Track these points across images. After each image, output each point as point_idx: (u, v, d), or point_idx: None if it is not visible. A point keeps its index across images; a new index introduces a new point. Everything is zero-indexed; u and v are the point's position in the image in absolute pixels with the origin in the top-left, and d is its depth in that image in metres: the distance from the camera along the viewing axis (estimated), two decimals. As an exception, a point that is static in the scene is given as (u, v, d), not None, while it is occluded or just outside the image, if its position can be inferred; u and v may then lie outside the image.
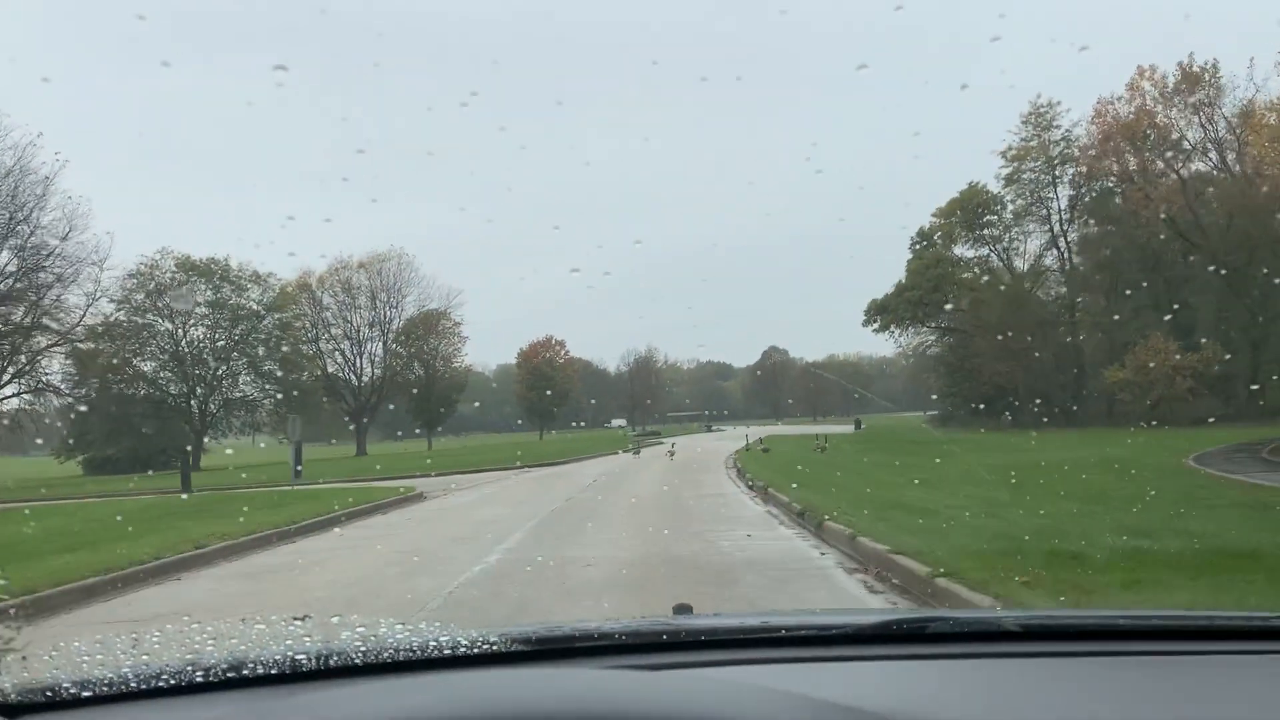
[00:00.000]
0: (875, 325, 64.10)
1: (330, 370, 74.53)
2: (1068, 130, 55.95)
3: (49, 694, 1.26)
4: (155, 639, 1.49)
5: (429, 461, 39.89)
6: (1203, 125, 52.95)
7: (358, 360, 74.15)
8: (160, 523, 14.66)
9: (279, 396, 64.66)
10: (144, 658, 1.39)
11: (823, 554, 10.19)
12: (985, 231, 60.28)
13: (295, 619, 1.58)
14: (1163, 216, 50.09)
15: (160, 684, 1.28)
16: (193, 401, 63.12)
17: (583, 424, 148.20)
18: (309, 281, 71.62)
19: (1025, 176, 57.32)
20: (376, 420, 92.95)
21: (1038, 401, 56.66)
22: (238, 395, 64.90)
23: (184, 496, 21.10)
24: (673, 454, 32.26)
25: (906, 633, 1.63)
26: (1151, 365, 46.31)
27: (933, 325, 62.76)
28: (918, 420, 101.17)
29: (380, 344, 73.76)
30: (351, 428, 74.20)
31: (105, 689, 1.27)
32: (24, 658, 1.46)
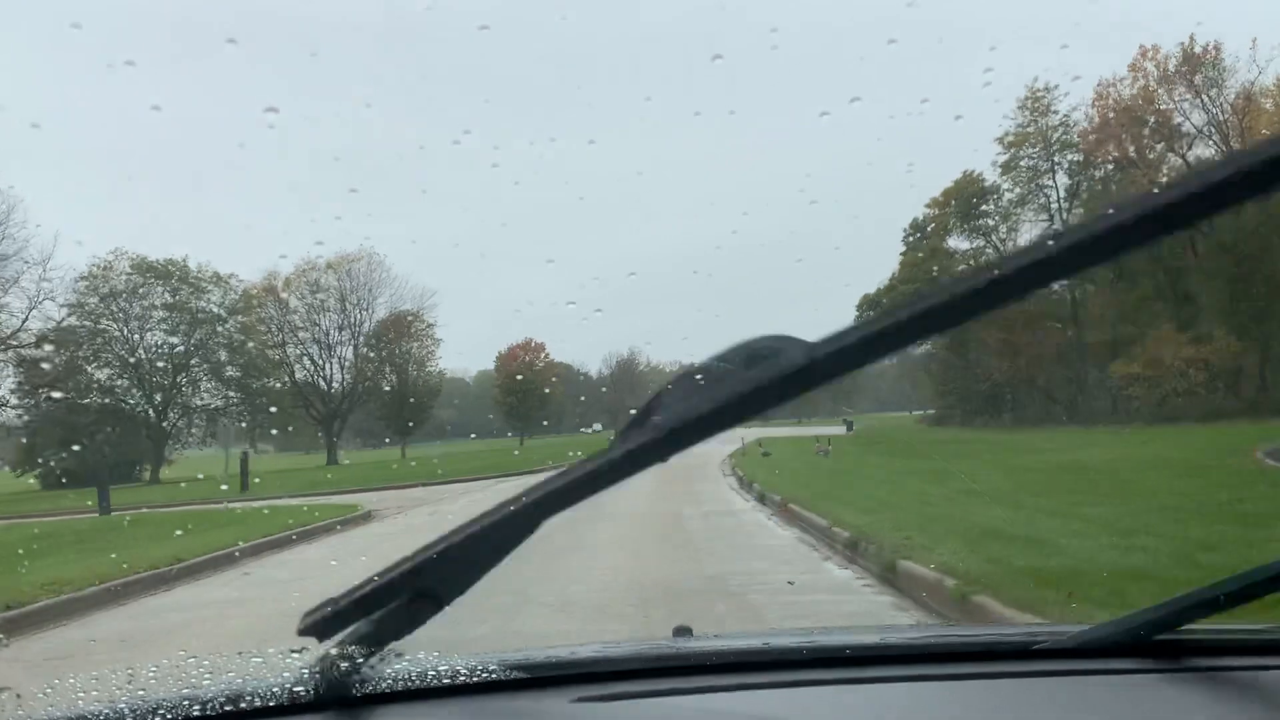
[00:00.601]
0: (867, 321, 61.41)
1: (300, 376, 71.17)
2: (1066, 115, 53.67)
3: None
4: (151, 673, 1.47)
5: (395, 468, 36.92)
6: (1205, 108, 50.77)
7: (327, 365, 70.83)
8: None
9: (242, 404, 61.33)
10: (139, 692, 1.35)
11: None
12: (982, 222, 57.86)
13: (293, 651, 1.48)
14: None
15: (156, 719, 1.27)
16: (150, 410, 59.64)
17: (565, 429, 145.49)
18: (274, 284, 68.24)
19: (1023, 164, 54.96)
20: (355, 427, 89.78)
21: (1039, 398, 54.27)
22: (198, 404, 61.48)
23: (99, 517, 18.05)
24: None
25: (911, 654, 1.59)
26: (1166, 358, 44.02)
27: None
28: (908, 420, 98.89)
29: (351, 348, 70.55)
30: (321, 436, 70.91)
31: None
32: (18, 695, 1.44)
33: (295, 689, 1.29)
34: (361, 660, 1.24)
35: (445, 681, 1.34)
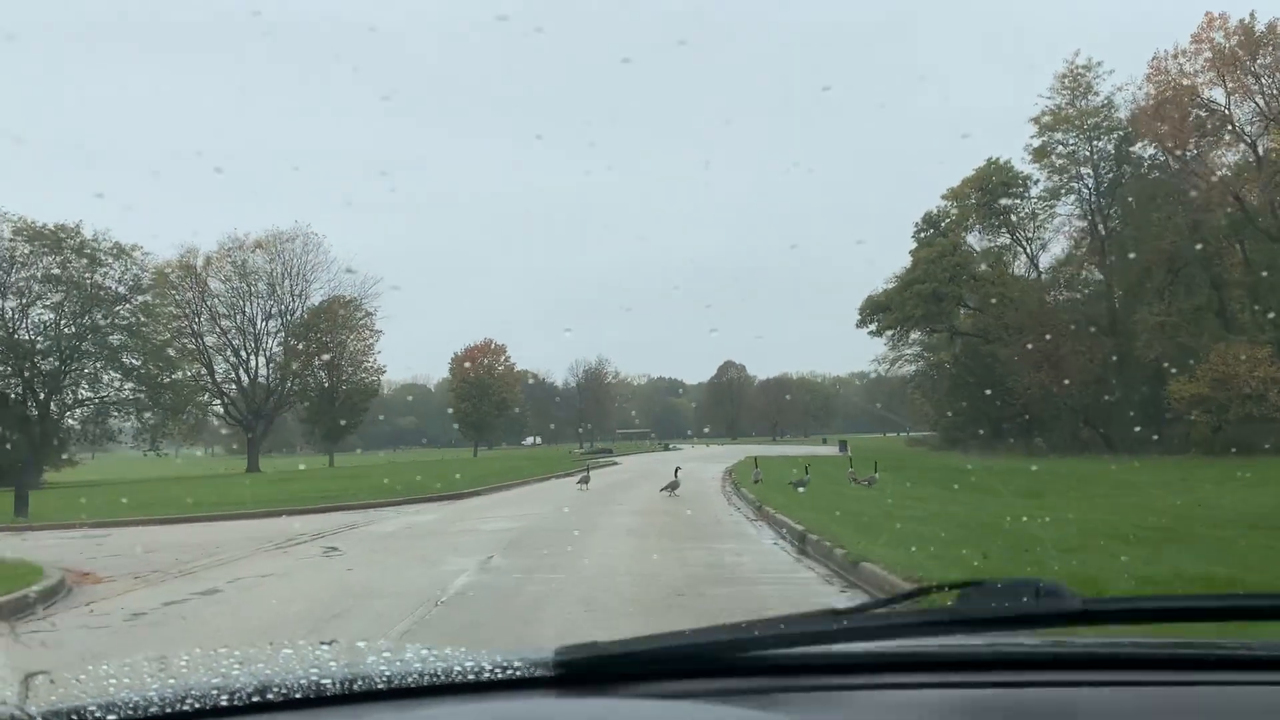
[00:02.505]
0: (872, 327, 53.72)
1: (221, 370, 62.20)
2: (1110, 95, 46.48)
3: (75, 716, 1.26)
4: (183, 663, 1.47)
5: (290, 487, 28.60)
6: (1264, 94, 43.72)
7: (253, 358, 61.88)
8: None
9: (144, 399, 52.31)
10: (170, 681, 1.37)
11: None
12: (1008, 217, 50.40)
13: (323, 643, 1.55)
14: (1232, 201, 40.66)
15: (185, 708, 1.29)
16: (31, 404, 50.51)
17: (535, 440, 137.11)
18: (192, 263, 59.37)
19: (1059, 150, 47.62)
20: (284, 430, 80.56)
21: (1072, 421, 46.69)
22: (88, 397, 52.39)
23: None
24: (677, 488, 21.18)
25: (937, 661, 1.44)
26: (1240, 375, 36.65)
27: (943, 327, 52.50)
28: (895, 443, 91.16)
29: (280, 339, 61.72)
30: (250, 436, 61.87)
31: (130, 712, 1.28)
32: (52, 680, 1.41)
33: (322, 681, 1.30)
34: (389, 653, 1.30)
35: (470, 678, 1.33)
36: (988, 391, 52.10)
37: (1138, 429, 44.96)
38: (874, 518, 13.03)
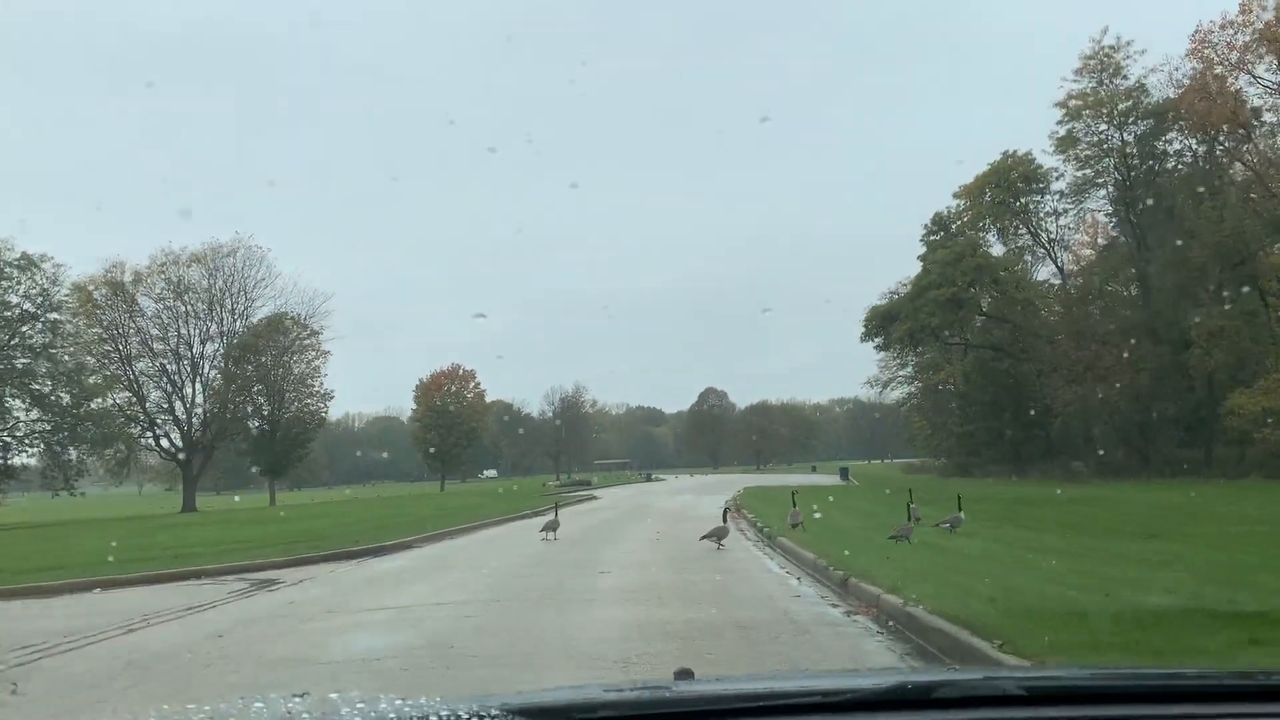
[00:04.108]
0: (878, 340, 48.22)
1: (155, 397, 55.62)
2: (1144, 76, 41.58)
3: None
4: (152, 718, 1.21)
5: (170, 538, 22.59)
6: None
7: (190, 385, 55.35)
8: None
9: (55, 431, 45.86)
10: None
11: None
12: (1027, 215, 45.26)
13: (295, 696, 1.50)
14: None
15: None
16: (-77, 436, 44.00)
17: (502, 472, 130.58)
18: (119, 279, 53.05)
19: (1087, 138, 42.61)
20: (227, 465, 73.74)
21: (1113, 440, 41.24)
22: (-11, 429, 45.83)
23: None
24: (724, 537, 15.25)
25: (913, 698, 1.56)
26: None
27: (955, 338, 47.10)
28: (893, 469, 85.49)
29: (221, 363, 55.30)
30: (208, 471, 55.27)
31: None
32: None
33: None
34: (362, 704, 1.33)
35: None
36: (1006, 413, 46.84)
37: (1181, 449, 39.71)
38: (1095, 603, 7.26)
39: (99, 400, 49.50)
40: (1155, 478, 36.72)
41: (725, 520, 16.05)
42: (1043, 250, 45.74)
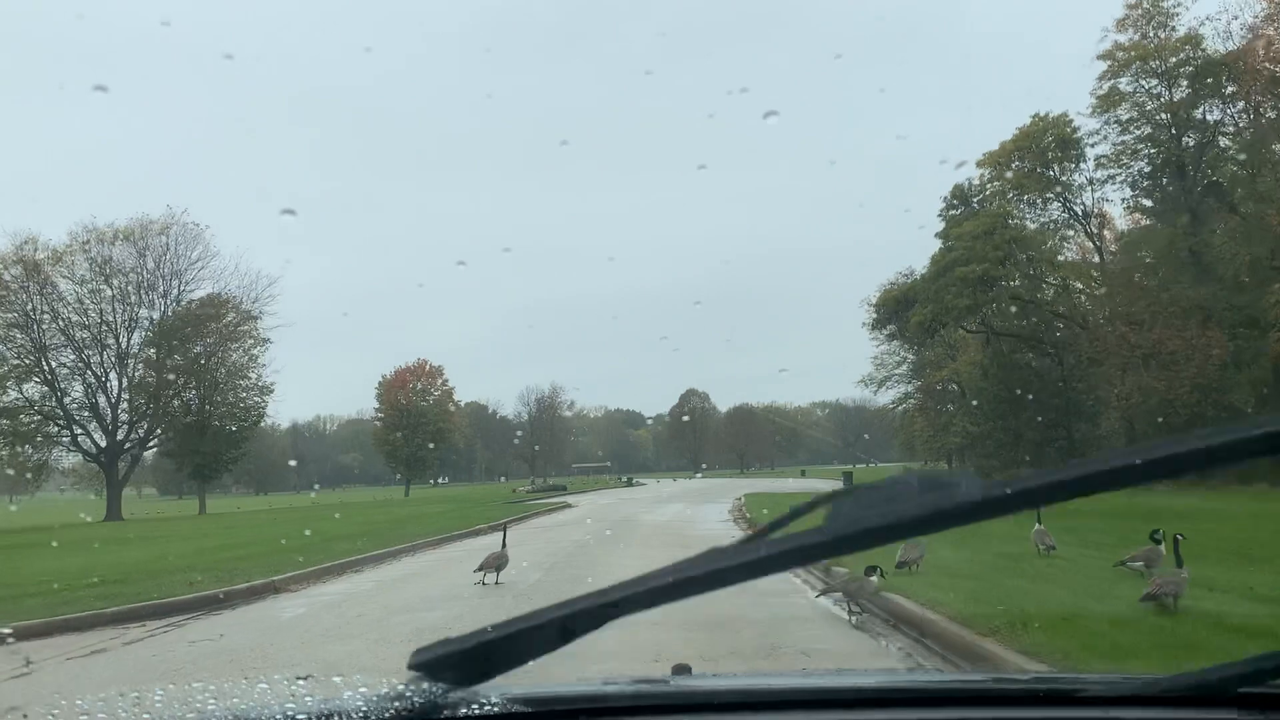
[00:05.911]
0: (889, 329, 42.79)
1: (78, 392, 49.33)
2: (1196, 26, 36.44)
3: None
4: (158, 698, 1.44)
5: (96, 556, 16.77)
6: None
7: (116, 377, 49.09)
8: None
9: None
10: (145, 716, 1.35)
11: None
12: (1061, 184, 39.96)
13: (299, 678, 1.50)
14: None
15: None
16: None
17: (475, 477, 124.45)
18: (31, 255, 46.81)
19: (1132, 99, 37.38)
20: (162, 467, 67.31)
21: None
22: None
23: None
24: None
25: (913, 696, 1.54)
26: None
27: (976, 326, 41.70)
28: (891, 474, 79.62)
29: (151, 352, 49.09)
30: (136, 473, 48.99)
31: None
32: (25, 716, 1.40)
33: (298, 716, 1.31)
34: (365, 688, 1.30)
35: (445, 714, 1.31)
36: (1026, 411, 41.66)
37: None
38: None
39: (5, 395, 43.36)
40: (1221, 483, 31.60)
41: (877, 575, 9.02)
42: (1078, 225, 40.43)
